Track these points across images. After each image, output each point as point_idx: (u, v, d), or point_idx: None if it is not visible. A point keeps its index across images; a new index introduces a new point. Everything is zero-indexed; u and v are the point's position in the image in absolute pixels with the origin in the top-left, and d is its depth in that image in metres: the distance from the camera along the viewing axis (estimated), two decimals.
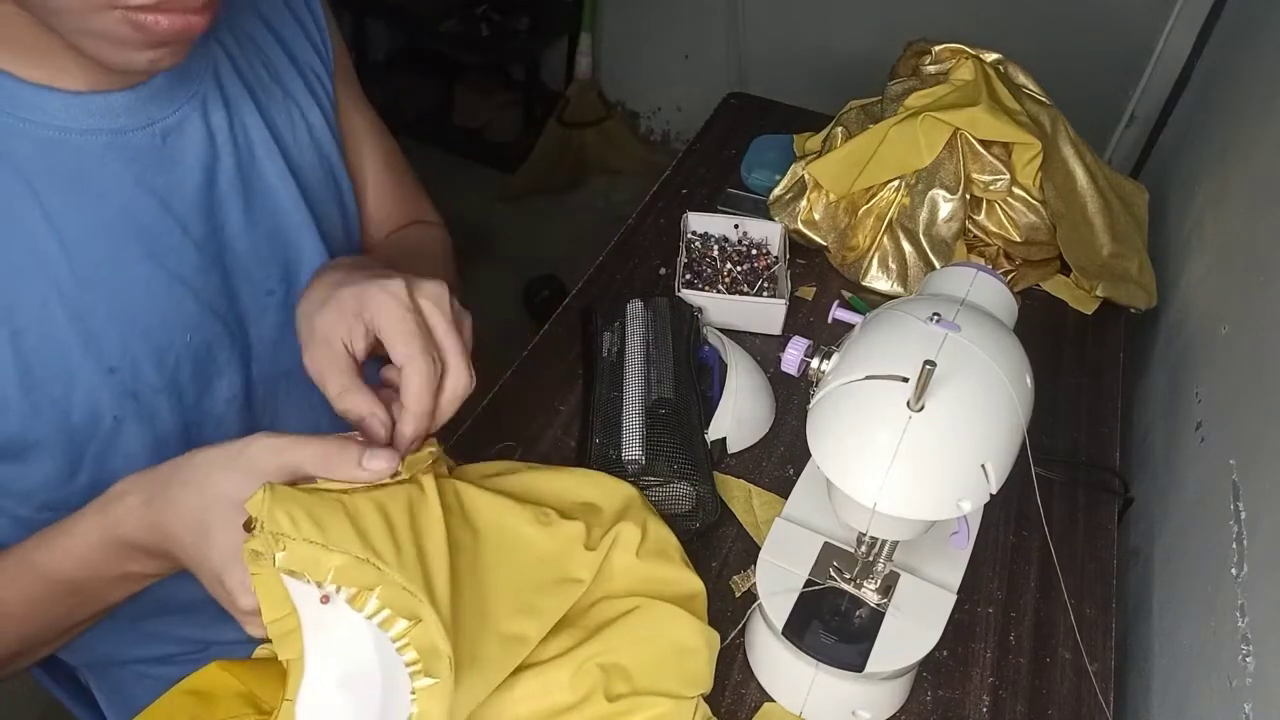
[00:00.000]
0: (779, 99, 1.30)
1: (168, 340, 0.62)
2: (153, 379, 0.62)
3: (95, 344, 0.59)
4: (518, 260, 2.26)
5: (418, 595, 0.48)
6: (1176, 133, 1.44)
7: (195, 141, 0.62)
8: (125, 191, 0.59)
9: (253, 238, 0.67)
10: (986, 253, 0.99)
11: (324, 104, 0.74)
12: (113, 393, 0.60)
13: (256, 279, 0.68)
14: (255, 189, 0.67)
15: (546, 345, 0.91)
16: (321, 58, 0.75)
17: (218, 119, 0.64)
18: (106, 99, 0.57)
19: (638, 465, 0.72)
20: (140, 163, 0.59)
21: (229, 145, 0.64)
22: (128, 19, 0.49)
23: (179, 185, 0.62)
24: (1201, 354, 0.87)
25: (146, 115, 0.59)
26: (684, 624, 0.62)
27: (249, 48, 0.68)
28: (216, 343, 0.66)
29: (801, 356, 0.60)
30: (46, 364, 0.57)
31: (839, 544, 0.66)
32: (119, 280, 0.59)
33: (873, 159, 0.96)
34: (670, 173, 1.15)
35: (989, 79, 0.98)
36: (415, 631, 0.48)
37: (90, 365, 0.59)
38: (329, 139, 0.74)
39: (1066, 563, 0.77)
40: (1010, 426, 0.54)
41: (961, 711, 0.66)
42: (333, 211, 0.75)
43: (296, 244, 0.70)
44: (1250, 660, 0.58)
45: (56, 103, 0.55)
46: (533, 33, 2.44)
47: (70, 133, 0.56)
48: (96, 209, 0.58)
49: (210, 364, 0.66)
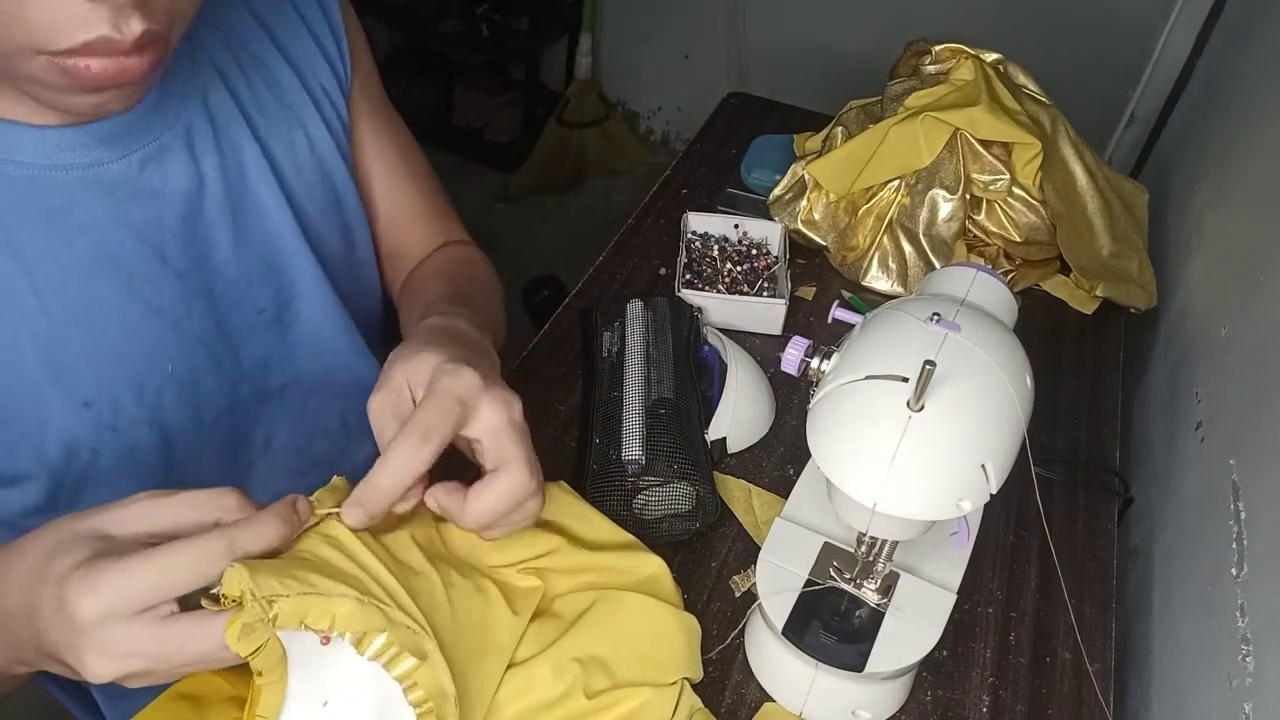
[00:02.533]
0: (779, 99, 1.30)
1: (147, 371, 0.61)
2: (132, 411, 0.61)
3: (68, 380, 0.58)
4: (518, 260, 2.26)
5: (424, 632, 0.48)
6: (1176, 133, 1.44)
7: (178, 169, 0.61)
8: (100, 226, 0.57)
9: (242, 261, 0.66)
10: (986, 253, 0.99)
11: (333, 123, 0.72)
12: (89, 426, 0.60)
13: (246, 300, 0.67)
14: (246, 213, 0.66)
15: (546, 345, 0.91)
16: (337, 75, 0.73)
17: (204, 144, 0.62)
18: (80, 131, 0.55)
19: (638, 465, 0.72)
20: (116, 195, 0.58)
21: (216, 171, 0.63)
22: (54, 65, 0.46)
23: (158, 215, 0.60)
24: (1201, 354, 0.87)
25: (123, 146, 0.57)
26: (651, 610, 0.62)
27: (251, 66, 0.67)
28: (200, 370, 0.65)
29: (801, 356, 0.60)
30: (17, 401, 0.56)
31: (839, 544, 0.66)
32: (93, 315, 0.58)
33: (873, 159, 0.96)
34: (670, 173, 1.15)
35: (989, 79, 0.98)
36: (421, 671, 0.47)
37: (63, 401, 0.58)
38: (336, 158, 0.73)
39: (1066, 562, 0.76)
40: (1010, 426, 0.54)
41: (961, 711, 0.66)
42: (333, 232, 0.74)
43: (292, 265, 0.69)
44: (1250, 660, 0.58)
45: (28, 139, 0.54)
46: (533, 33, 2.44)
47: (41, 169, 0.54)
48: (70, 245, 0.56)
49: (194, 391, 0.65)
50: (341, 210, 0.75)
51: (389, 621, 0.47)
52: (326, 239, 0.73)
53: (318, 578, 0.45)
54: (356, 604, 0.46)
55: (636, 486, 0.72)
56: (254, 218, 0.66)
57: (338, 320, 0.74)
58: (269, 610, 0.42)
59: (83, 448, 0.60)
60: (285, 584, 0.43)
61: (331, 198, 0.73)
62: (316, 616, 0.44)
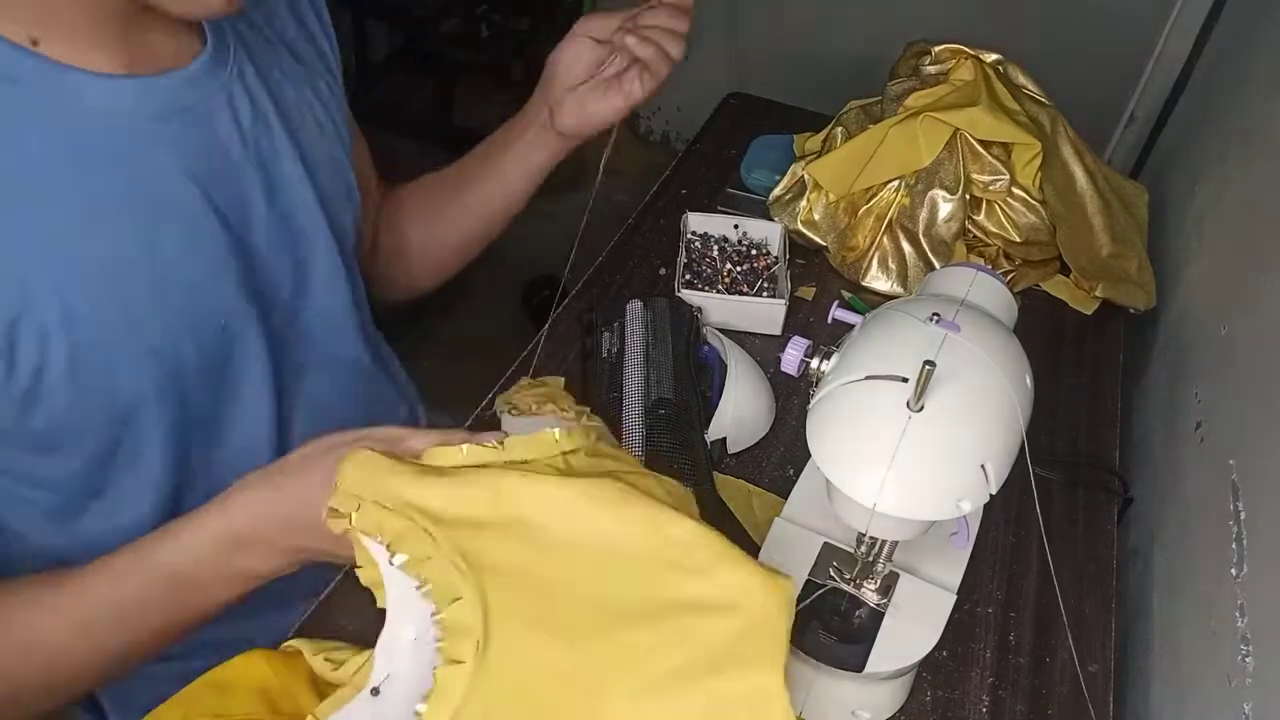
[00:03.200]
0: (779, 99, 1.30)
1: (204, 322, 0.63)
2: (192, 359, 0.63)
3: (139, 324, 0.59)
4: (518, 260, 2.26)
5: (465, 571, 0.49)
6: (1176, 133, 1.44)
7: (226, 131, 0.63)
8: (166, 176, 0.59)
9: (270, 230, 0.68)
10: (986, 253, 0.99)
11: (330, 103, 0.75)
12: (154, 375, 0.61)
13: (273, 270, 0.69)
14: (276, 184, 0.68)
15: (546, 345, 0.91)
16: (325, 60, 0.76)
17: (243, 112, 0.64)
18: (146, 83, 0.58)
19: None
20: (181, 149, 0.60)
21: (253, 139, 0.65)
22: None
23: (216, 173, 0.62)
24: (1201, 354, 0.87)
25: (183, 99, 0.60)
26: None
27: (263, 51, 0.69)
28: (245, 328, 0.67)
29: (801, 357, 0.60)
30: (95, 348, 0.57)
31: (839, 544, 0.66)
32: (158, 261, 0.60)
33: (872, 159, 0.96)
34: (670, 173, 1.15)
35: (989, 79, 0.98)
36: (453, 608, 0.48)
37: (135, 346, 0.60)
38: (339, 147, 0.75)
39: (1066, 563, 0.77)
40: (1010, 427, 0.54)
41: (961, 712, 0.66)
42: (343, 211, 0.76)
43: (310, 239, 0.71)
44: (1250, 660, 0.58)
45: (99, 85, 0.56)
46: (533, 33, 2.44)
47: (114, 115, 0.57)
48: (138, 191, 0.58)
49: (240, 347, 0.67)
50: (348, 185, 0.77)
51: (435, 549, 0.49)
52: (338, 217, 0.75)
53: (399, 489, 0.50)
54: (411, 526, 0.50)
55: None
56: (281, 188, 0.68)
57: (345, 298, 0.77)
58: (349, 504, 0.50)
59: (148, 398, 0.62)
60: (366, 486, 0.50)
61: (341, 181, 0.75)
62: (378, 528, 0.49)
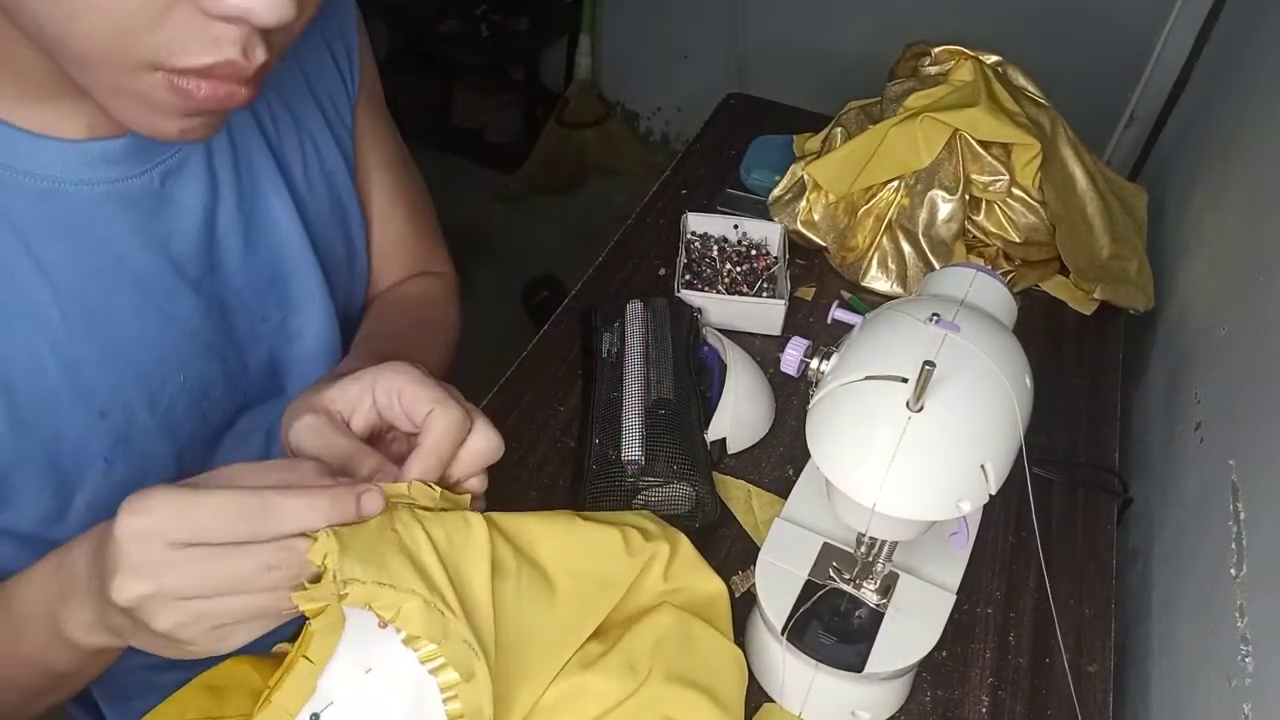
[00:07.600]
0: (779, 99, 1.30)
1: (161, 381, 0.62)
2: (145, 420, 0.61)
3: (87, 391, 0.58)
4: (518, 261, 2.26)
5: (476, 652, 0.48)
6: (1176, 133, 1.44)
7: (195, 181, 0.61)
8: (121, 239, 0.57)
9: (250, 270, 0.66)
10: (986, 253, 0.99)
11: (340, 135, 0.72)
12: (104, 437, 0.60)
13: (253, 308, 0.67)
14: (257, 223, 0.66)
15: (546, 345, 0.91)
16: (346, 88, 0.73)
17: (222, 158, 0.62)
18: (105, 146, 0.55)
19: (637, 466, 0.72)
20: (137, 209, 0.58)
21: (231, 183, 0.63)
22: (170, 83, 0.45)
23: (177, 228, 0.60)
24: (1200, 354, 0.87)
25: (146, 159, 0.57)
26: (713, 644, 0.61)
27: None
28: (211, 379, 0.65)
29: (801, 357, 0.60)
30: (37, 412, 0.56)
31: (838, 544, 0.66)
32: (112, 327, 0.58)
33: (872, 159, 0.96)
34: (670, 173, 1.15)
35: (988, 80, 0.98)
36: (463, 688, 0.48)
37: (81, 412, 0.58)
38: (342, 170, 0.73)
39: (1066, 563, 0.77)
40: (1009, 427, 0.54)
41: (961, 712, 0.67)
42: (337, 244, 0.74)
43: (298, 275, 0.70)
44: (1250, 660, 0.58)
45: (53, 152, 0.53)
46: (533, 33, 2.45)
47: (66, 183, 0.54)
48: (91, 258, 0.56)
49: (204, 399, 0.65)
50: (346, 222, 0.75)
51: (445, 633, 0.47)
52: (331, 250, 0.73)
53: (398, 564, 0.46)
54: (422, 606, 0.46)
55: (636, 487, 0.72)
56: (265, 228, 0.66)
57: (336, 333, 0.75)
58: (341, 588, 0.44)
59: (96, 458, 0.60)
60: (366, 569, 0.45)
61: (337, 209, 0.73)
62: (383, 605, 0.45)
